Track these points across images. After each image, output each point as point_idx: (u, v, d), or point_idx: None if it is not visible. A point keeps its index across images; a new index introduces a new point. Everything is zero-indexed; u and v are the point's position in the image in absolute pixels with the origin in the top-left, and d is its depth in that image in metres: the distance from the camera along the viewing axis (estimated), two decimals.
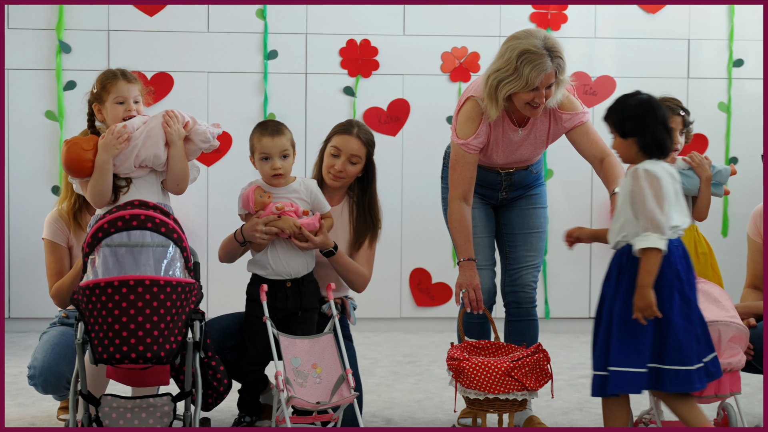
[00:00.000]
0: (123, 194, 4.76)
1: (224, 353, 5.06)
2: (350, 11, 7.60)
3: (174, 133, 4.75)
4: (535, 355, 4.80)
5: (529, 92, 4.93)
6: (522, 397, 4.78)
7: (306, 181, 5.11)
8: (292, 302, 4.99)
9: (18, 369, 6.38)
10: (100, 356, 4.17)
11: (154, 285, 4.18)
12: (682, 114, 5.39)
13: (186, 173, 4.83)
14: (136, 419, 4.25)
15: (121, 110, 4.78)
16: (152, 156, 4.74)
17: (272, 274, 4.99)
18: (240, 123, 7.52)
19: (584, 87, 7.69)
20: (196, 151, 4.89)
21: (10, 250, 7.42)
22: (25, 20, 7.40)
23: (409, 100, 7.66)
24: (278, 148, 4.99)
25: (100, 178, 4.69)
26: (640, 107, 4.42)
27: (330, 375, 4.76)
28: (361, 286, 5.27)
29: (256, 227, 4.93)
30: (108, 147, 4.66)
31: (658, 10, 7.73)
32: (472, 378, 4.75)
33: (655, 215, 4.27)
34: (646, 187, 4.29)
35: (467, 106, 5.13)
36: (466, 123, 5.13)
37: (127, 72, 4.86)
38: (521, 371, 4.76)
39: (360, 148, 5.24)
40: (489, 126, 5.13)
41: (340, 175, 5.23)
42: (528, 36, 4.94)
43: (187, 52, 7.52)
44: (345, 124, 5.31)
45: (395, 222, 7.62)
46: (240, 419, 5.09)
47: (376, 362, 6.71)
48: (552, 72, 4.91)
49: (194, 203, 7.51)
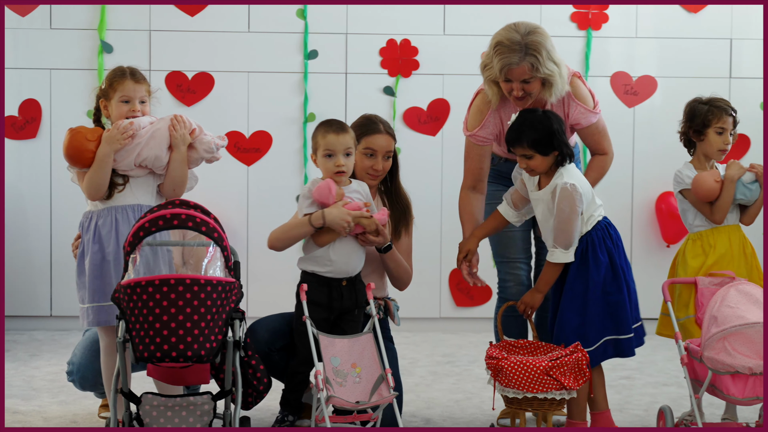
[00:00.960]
0: (118, 192, 4.83)
1: (272, 354, 5.06)
2: (390, 11, 7.60)
3: (178, 138, 4.82)
4: (574, 355, 4.79)
5: (504, 83, 5.00)
6: (560, 396, 4.76)
7: (358, 182, 5.12)
8: (347, 300, 4.98)
9: (59, 367, 6.42)
10: (141, 354, 4.19)
11: (194, 284, 4.19)
12: (733, 114, 5.36)
13: (184, 179, 4.89)
14: (177, 417, 4.27)
15: (125, 109, 4.84)
16: (153, 157, 4.79)
17: (332, 272, 4.97)
18: (280, 123, 7.54)
19: (625, 87, 7.66)
20: (198, 159, 4.95)
21: (52, 248, 7.48)
22: (67, 21, 7.45)
23: (449, 100, 7.65)
24: (342, 145, 4.98)
25: (99, 171, 4.75)
26: (549, 122, 4.88)
27: (369, 374, 4.76)
28: (406, 283, 5.29)
29: (347, 216, 4.89)
30: (112, 141, 4.73)
31: (699, 9, 7.69)
32: (511, 377, 4.74)
33: (572, 235, 4.87)
34: (576, 206, 4.84)
35: (477, 99, 5.26)
36: (474, 115, 5.25)
37: (136, 71, 4.91)
38: (560, 370, 4.74)
39: (390, 142, 5.26)
40: (499, 117, 5.19)
41: (378, 173, 5.24)
42: (510, 29, 5.01)
43: (228, 52, 7.54)
44: (369, 123, 5.28)
45: (434, 222, 7.61)
46: (283, 418, 5.10)
47: (415, 362, 6.71)
48: (523, 68, 4.93)
49: (235, 202, 7.54)
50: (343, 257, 4.97)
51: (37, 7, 7.42)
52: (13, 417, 5.38)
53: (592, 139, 5.26)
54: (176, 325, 4.15)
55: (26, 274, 7.52)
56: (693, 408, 4.78)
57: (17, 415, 5.41)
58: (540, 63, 4.93)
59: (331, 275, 4.97)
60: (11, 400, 5.67)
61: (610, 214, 5.73)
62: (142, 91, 4.86)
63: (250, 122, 7.54)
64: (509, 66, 4.92)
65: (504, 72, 4.94)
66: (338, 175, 4.99)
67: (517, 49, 4.91)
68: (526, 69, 4.93)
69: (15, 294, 7.50)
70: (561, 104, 5.14)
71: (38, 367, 6.45)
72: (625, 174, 7.60)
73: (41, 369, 6.40)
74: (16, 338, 7.24)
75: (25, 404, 5.62)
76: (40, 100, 7.46)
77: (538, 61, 4.92)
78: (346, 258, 4.98)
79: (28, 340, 7.21)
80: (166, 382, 4.60)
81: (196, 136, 4.90)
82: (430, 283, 7.63)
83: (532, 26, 5.01)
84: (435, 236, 7.58)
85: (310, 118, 7.51)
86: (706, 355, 4.65)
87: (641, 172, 7.67)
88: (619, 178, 7.51)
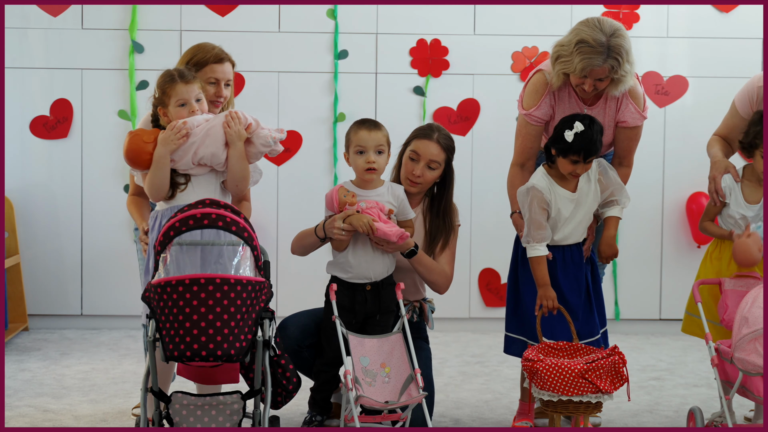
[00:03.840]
0: (180, 191, 4.80)
1: (302, 351, 5.08)
2: (421, 11, 7.60)
3: (233, 134, 4.77)
4: (611, 357, 4.75)
5: (578, 78, 5.03)
6: (596, 399, 4.73)
7: (393, 186, 5.09)
8: (371, 305, 4.97)
9: (90, 366, 6.45)
10: (171, 354, 4.21)
11: (224, 283, 4.20)
12: None
13: (245, 175, 4.85)
14: (206, 417, 4.28)
15: (185, 112, 4.82)
16: (210, 155, 4.77)
17: (353, 277, 4.96)
18: (310, 122, 7.55)
19: (656, 87, 7.63)
20: (257, 154, 4.90)
21: (83, 248, 7.51)
22: (98, 21, 7.48)
23: (480, 99, 7.64)
24: (374, 142, 4.98)
25: (158, 171, 4.75)
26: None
27: (399, 374, 4.76)
28: (443, 286, 5.23)
29: (334, 223, 4.90)
30: (166, 142, 4.72)
31: (731, 9, 7.65)
32: (546, 379, 4.71)
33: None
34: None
35: (534, 78, 5.27)
36: (531, 95, 5.26)
37: (184, 72, 4.89)
38: (595, 373, 4.71)
39: (439, 153, 5.20)
40: (554, 99, 5.23)
41: (417, 180, 5.18)
42: (595, 28, 5.00)
43: (259, 52, 7.55)
44: (426, 128, 5.26)
45: (464, 222, 7.58)
46: (311, 418, 5.11)
47: (444, 362, 6.71)
48: (604, 69, 4.97)
49: (264, 202, 7.54)
50: (364, 262, 4.96)
51: (68, 8, 7.45)
52: (44, 415, 5.41)
53: (627, 144, 5.29)
54: (206, 324, 4.16)
55: (57, 274, 7.55)
56: (723, 409, 4.76)
57: (48, 414, 5.44)
58: (620, 65, 4.97)
59: (353, 280, 4.97)
60: (42, 399, 5.70)
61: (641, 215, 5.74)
62: (195, 90, 4.84)
63: (280, 122, 7.55)
64: (591, 67, 4.96)
65: (585, 72, 4.97)
66: (369, 173, 4.98)
67: (601, 51, 4.94)
68: (606, 70, 4.97)
69: (46, 293, 7.54)
70: (615, 99, 5.20)
71: (69, 365, 6.48)
72: (655, 174, 7.58)
73: (72, 368, 6.42)
74: (47, 337, 7.28)
75: (55, 403, 5.65)
76: (72, 100, 7.50)
77: (619, 63, 4.97)
78: (367, 263, 4.96)
79: (58, 338, 7.24)
80: (195, 381, 4.61)
81: (252, 130, 4.84)
82: (459, 283, 7.61)
83: (615, 26, 5.04)
84: (465, 236, 7.57)
85: (340, 118, 7.52)
86: (737, 357, 4.63)
87: (672, 172, 7.64)
88: (649, 178, 7.49)
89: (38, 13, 7.45)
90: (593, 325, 5.17)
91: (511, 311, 5.30)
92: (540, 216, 5.04)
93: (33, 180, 7.51)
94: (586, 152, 4.96)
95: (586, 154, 4.97)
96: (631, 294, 7.70)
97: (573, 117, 5.00)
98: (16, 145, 7.49)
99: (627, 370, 4.78)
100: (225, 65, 5.21)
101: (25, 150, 7.50)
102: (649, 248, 7.68)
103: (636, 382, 6.19)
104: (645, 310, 7.71)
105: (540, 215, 5.04)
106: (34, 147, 7.50)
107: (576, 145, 4.94)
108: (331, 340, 4.89)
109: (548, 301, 5.03)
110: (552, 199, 5.06)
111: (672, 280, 7.66)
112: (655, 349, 7.14)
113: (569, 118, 5.02)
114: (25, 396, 5.76)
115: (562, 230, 5.11)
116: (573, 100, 5.20)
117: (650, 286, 7.70)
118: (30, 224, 7.50)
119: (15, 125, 7.46)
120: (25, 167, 7.51)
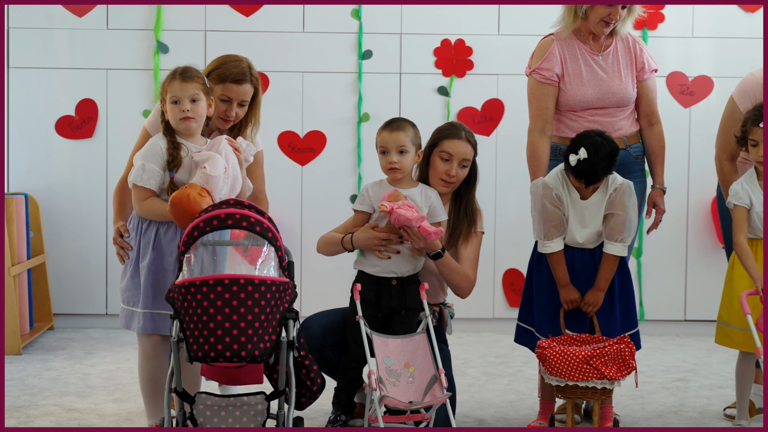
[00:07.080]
0: None
1: (325, 350, 5.09)
2: (445, 11, 7.59)
3: (242, 154, 4.92)
4: (617, 346, 4.90)
5: (607, 7, 5.27)
6: (602, 385, 4.90)
7: (426, 188, 5.11)
8: (396, 300, 4.99)
9: (115, 365, 6.47)
10: (195, 354, 4.21)
11: (248, 284, 4.20)
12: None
13: (243, 189, 4.97)
14: (230, 417, 4.28)
15: (177, 110, 4.82)
16: (246, 188, 4.97)
17: (381, 271, 5.00)
18: (334, 122, 7.56)
19: (681, 87, 7.61)
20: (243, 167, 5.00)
21: (107, 247, 7.53)
22: (124, 21, 7.50)
23: (504, 100, 7.63)
24: (395, 143, 5.01)
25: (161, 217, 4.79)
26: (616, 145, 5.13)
27: (423, 375, 4.76)
28: (465, 290, 5.20)
29: (374, 240, 4.97)
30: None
31: (756, 9, 7.61)
32: (553, 365, 4.90)
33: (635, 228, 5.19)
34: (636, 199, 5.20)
35: (541, 41, 5.53)
36: (537, 53, 5.52)
37: (187, 71, 4.87)
38: (600, 360, 4.87)
39: (470, 151, 5.22)
40: (563, 52, 5.42)
41: (451, 180, 5.20)
42: None
43: (283, 52, 7.56)
44: (451, 128, 5.26)
45: (488, 222, 7.56)
46: (335, 418, 5.11)
47: (468, 363, 6.70)
48: None
49: (288, 202, 7.56)
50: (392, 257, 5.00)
51: (94, 8, 7.48)
52: (69, 414, 5.43)
53: (649, 97, 5.53)
54: (230, 324, 4.17)
55: (82, 273, 7.58)
56: None
57: (73, 413, 5.46)
58: None
59: (380, 274, 5.00)
60: (67, 398, 5.72)
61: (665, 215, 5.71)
62: (191, 90, 4.80)
63: (304, 122, 7.56)
64: None
65: None
66: (391, 172, 5.02)
67: None
68: None
69: (71, 292, 7.57)
70: (628, 47, 5.47)
71: (94, 365, 6.50)
72: (680, 175, 7.55)
73: (96, 367, 6.44)
74: (72, 336, 7.31)
75: (80, 401, 5.67)
76: (97, 100, 7.52)
77: None
78: (395, 258, 5.00)
79: (83, 338, 7.27)
80: (219, 382, 4.61)
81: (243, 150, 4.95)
82: (483, 284, 7.60)
83: None
84: (489, 237, 7.56)
85: (364, 118, 7.52)
86: None
87: (697, 172, 7.60)
88: (675, 178, 7.45)
89: (63, 14, 7.48)
90: (613, 325, 5.17)
91: (525, 303, 5.38)
92: (551, 212, 5.07)
93: (58, 180, 7.54)
94: (587, 180, 5.01)
95: (587, 181, 5.01)
96: (656, 295, 7.68)
97: (582, 139, 5.02)
98: (42, 145, 7.52)
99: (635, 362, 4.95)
100: (243, 86, 5.10)
101: (51, 150, 7.53)
102: (674, 249, 7.65)
103: (661, 383, 6.18)
104: (670, 311, 7.69)
105: (551, 211, 5.07)
106: (59, 147, 7.53)
107: (577, 171, 4.99)
108: (357, 336, 4.90)
109: (568, 304, 5.15)
110: (564, 197, 5.09)
111: (697, 280, 7.63)
112: (679, 350, 7.12)
113: (579, 139, 5.04)
114: (51, 395, 5.78)
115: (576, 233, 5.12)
116: (584, 50, 5.43)
117: (675, 286, 7.68)
118: (55, 224, 7.53)
119: (40, 125, 7.50)
120: (50, 167, 7.54)
